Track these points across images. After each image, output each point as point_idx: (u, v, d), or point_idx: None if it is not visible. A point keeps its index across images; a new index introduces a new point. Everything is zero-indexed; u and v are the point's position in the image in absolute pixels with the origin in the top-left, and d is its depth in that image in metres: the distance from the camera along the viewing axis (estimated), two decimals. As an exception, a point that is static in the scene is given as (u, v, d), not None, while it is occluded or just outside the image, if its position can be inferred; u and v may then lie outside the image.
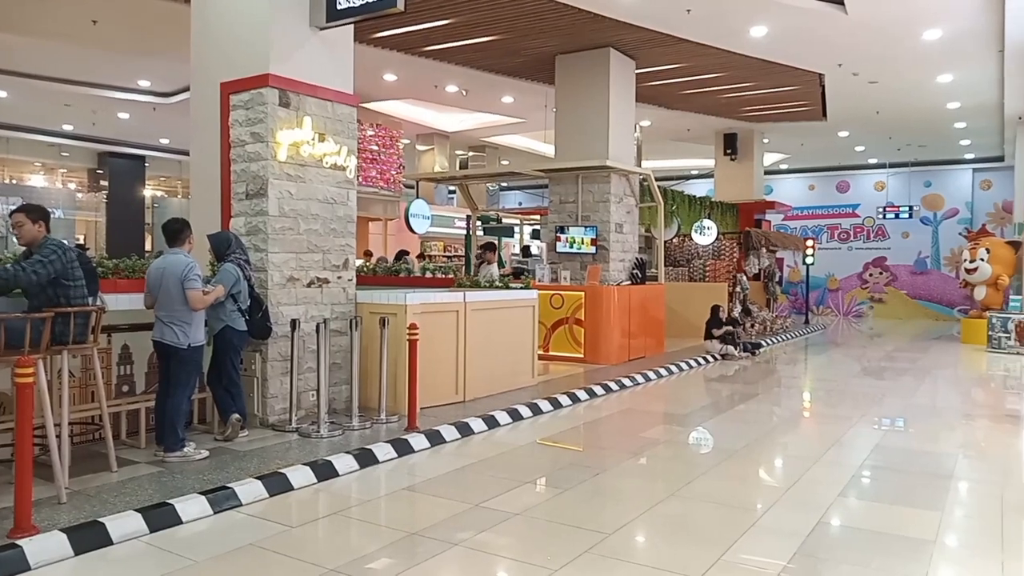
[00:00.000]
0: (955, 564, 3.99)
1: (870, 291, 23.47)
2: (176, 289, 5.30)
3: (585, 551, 3.93)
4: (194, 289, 5.31)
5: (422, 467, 5.67)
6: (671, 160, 23.43)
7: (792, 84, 13.83)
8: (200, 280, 5.40)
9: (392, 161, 15.13)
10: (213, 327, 5.89)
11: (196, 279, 5.34)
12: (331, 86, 6.89)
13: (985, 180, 21.91)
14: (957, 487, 5.33)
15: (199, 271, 5.42)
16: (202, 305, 5.39)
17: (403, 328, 6.64)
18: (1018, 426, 7.42)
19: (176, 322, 5.33)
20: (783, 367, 12.32)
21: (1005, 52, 11.22)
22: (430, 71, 13.08)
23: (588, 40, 11.28)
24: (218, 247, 6.05)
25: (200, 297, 5.35)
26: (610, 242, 11.81)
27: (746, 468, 5.90)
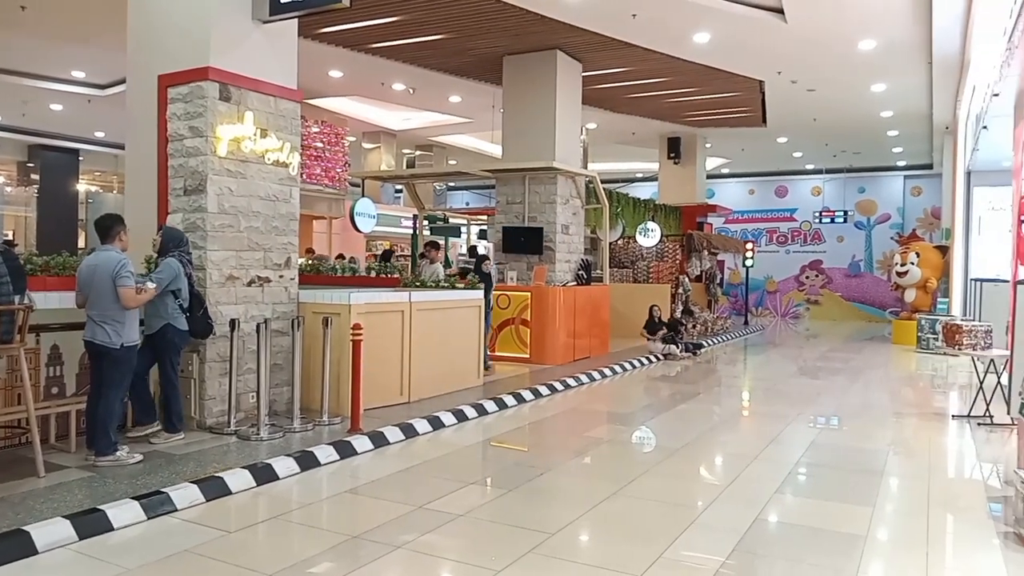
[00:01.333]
0: (884, 558, 4.13)
1: (806, 293, 24.17)
2: (108, 287, 5.12)
3: (528, 551, 3.94)
4: (126, 287, 5.13)
5: (365, 469, 5.61)
6: (616, 163, 23.71)
7: (734, 90, 14.14)
8: (133, 277, 5.22)
9: (337, 159, 14.92)
10: (152, 325, 5.72)
11: (128, 276, 5.15)
12: (274, 81, 6.76)
13: (916, 187, 22.79)
14: (887, 483, 5.52)
15: (132, 268, 5.23)
16: (135, 303, 5.21)
17: (347, 328, 6.55)
18: (944, 424, 7.73)
19: (108, 321, 5.14)
20: (723, 367, 12.59)
21: (933, 64, 11.69)
22: (377, 68, 12.95)
23: (535, 42, 11.33)
24: (168, 241, 5.88)
25: (133, 295, 5.17)
26: (556, 243, 11.89)
27: (687, 466, 6.01)
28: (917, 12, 9.70)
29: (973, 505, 5.02)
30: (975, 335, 7.66)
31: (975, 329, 7.71)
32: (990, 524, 4.59)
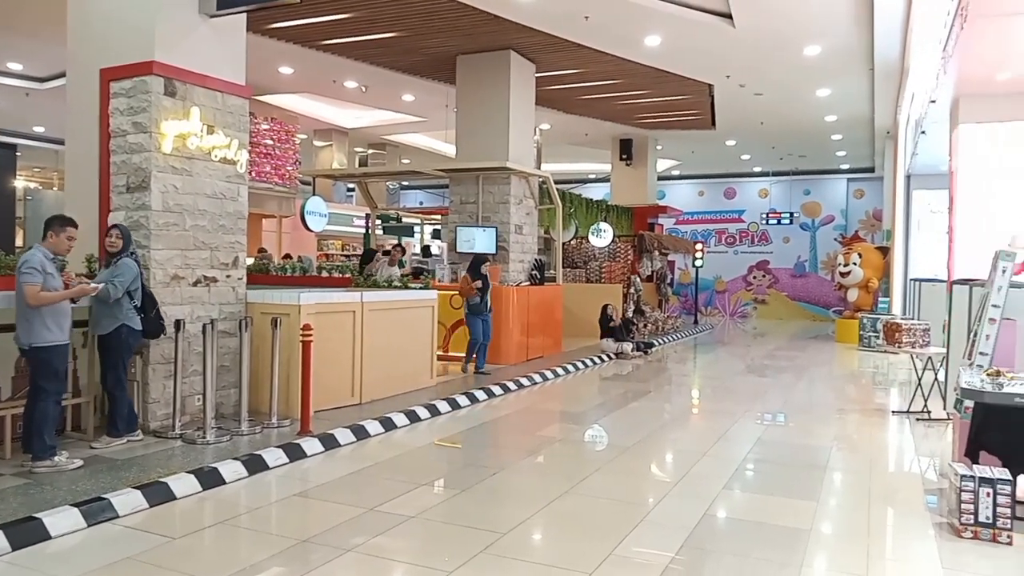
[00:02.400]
0: (827, 550, 4.24)
1: (754, 293, 24.69)
2: (17, 285, 4.97)
3: (480, 551, 3.94)
4: (27, 283, 4.89)
5: (315, 472, 5.53)
6: (570, 164, 23.86)
7: (684, 93, 14.36)
8: (36, 274, 4.93)
9: (288, 156, 14.68)
10: (106, 325, 5.56)
11: (30, 273, 4.91)
12: (222, 76, 6.62)
13: (858, 189, 23.46)
14: (831, 478, 5.67)
15: (37, 264, 4.95)
16: (35, 302, 4.95)
17: (296, 329, 6.46)
18: (884, 419, 7.98)
19: (19, 320, 4.98)
20: (674, 365, 12.77)
21: (875, 70, 12.06)
22: (328, 65, 12.78)
23: (489, 42, 11.33)
24: (128, 240, 5.74)
25: (33, 293, 4.91)
26: (510, 243, 11.90)
27: (638, 463, 6.08)
28: (860, 20, 9.99)
29: (911, 498, 5.19)
30: (914, 333, 7.93)
31: (914, 328, 7.98)
32: (927, 516, 4.75)
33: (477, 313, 9.89)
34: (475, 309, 9.88)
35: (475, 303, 9.84)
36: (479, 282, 9.73)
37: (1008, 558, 4.06)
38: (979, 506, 4.27)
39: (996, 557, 4.06)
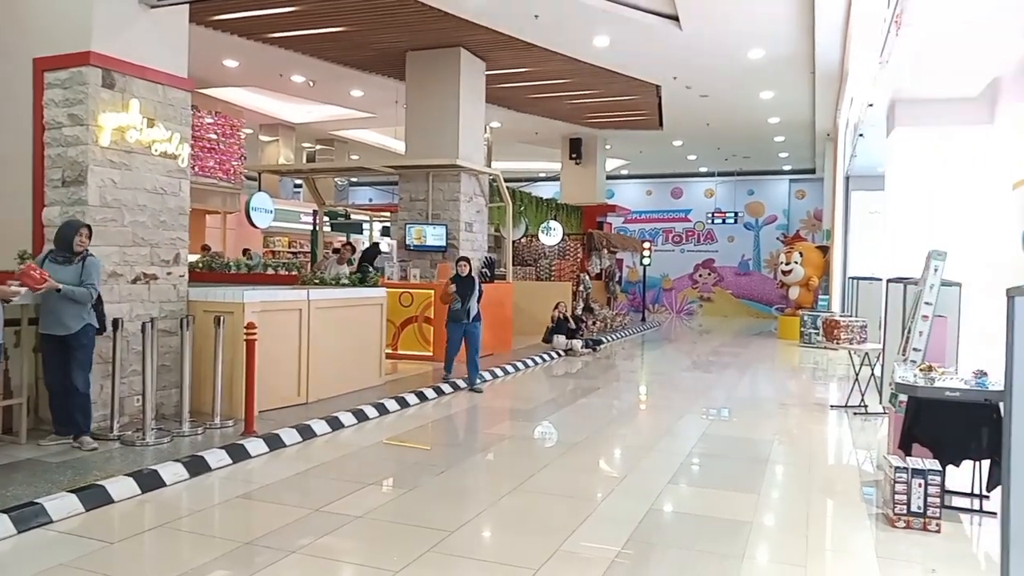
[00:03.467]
0: (768, 541, 4.35)
1: (699, 291, 25.15)
2: None
3: (427, 550, 3.92)
4: None
5: (259, 473, 5.43)
6: (520, 162, 23.92)
7: (632, 94, 14.53)
8: None
9: (232, 151, 14.34)
10: (71, 325, 5.39)
11: None
12: (163, 68, 6.44)
13: (800, 190, 24.09)
14: (772, 471, 5.82)
15: None
16: None
17: (240, 327, 6.32)
18: (824, 413, 8.22)
19: None
20: (622, 362, 12.93)
21: (816, 74, 12.40)
22: (275, 59, 12.54)
23: (438, 38, 11.27)
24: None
25: None
26: (460, 240, 11.87)
27: (586, 459, 6.14)
28: (801, 25, 10.25)
29: (848, 489, 5.36)
30: (851, 330, 8.18)
31: (851, 324, 8.23)
32: (863, 507, 4.92)
33: (455, 320, 8.95)
34: (453, 315, 8.95)
35: (454, 308, 8.88)
36: (453, 286, 8.83)
37: (936, 545, 4.23)
38: (911, 496, 4.43)
39: (926, 545, 4.23)
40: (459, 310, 8.85)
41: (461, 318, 8.87)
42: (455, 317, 8.93)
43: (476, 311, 8.94)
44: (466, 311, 8.84)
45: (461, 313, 8.85)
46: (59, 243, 5.46)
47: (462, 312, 8.85)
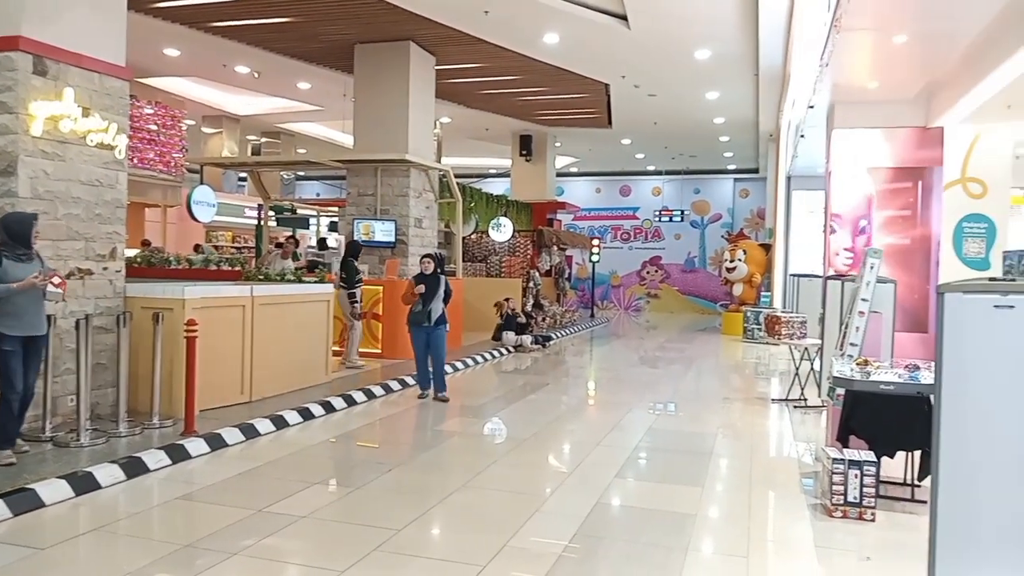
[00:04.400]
0: (712, 533, 4.44)
1: (647, 287, 25.51)
2: None
3: (374, 549, 3.88)
4: None
5: (200, 473, 5.30)
6: (470, 158, 23.85)
7: (581, 92, 14.62)
8: None
9: (173, 143, 13.95)
10: (41, 326, 5.21)
11: None
12: (99, 56, 6.21)
13: (744, 189, 24.62)
14: (716, 464, 5.94)
15: None
16: None
17: (180, 324, 6.16)
18: (766, 407, 8.42)
19: None
20: (571, 358, 13.03)
21: (760, 76, 12.67)
22: (218, 49, 12.23)
23: (388, 32, 11.15)
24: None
25: None
26: (409, 236, 11.78)
27: (534, 455, 6.16)
28: (746, 27, 10.46)
29: (788, 481, 5.50)
30: (792, 326, 8.40)
31: (792, 320, 8.45)
32: (802, 498, 5.05)
33: (415, 324, 8.07)
34: (413, 318, 8.10)
35: (415, 311, 8.06)
36: (422, 287, 7.96)
37: (871, 534, 4.37)
38: (848, 487, 4.57)
39: (861, 534, 4.37)
40: (420, 312, 8.00)
41: (422, 321, 7.99)
42: (415, 320, 8.06)
43: (440, 313, 8.05)
44: (427, 314, 7.96)
45: (422, 316, 7.99)
46: (17, 239, 5.08)
47: (423, 315, 7.98)
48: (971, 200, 8.60)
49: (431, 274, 8.06)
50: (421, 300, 7.96)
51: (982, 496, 2.99)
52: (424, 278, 8.06)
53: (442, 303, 8.04)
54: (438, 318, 8.03)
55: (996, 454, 2.98)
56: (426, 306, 7.96)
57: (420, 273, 8.17)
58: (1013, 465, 2.94)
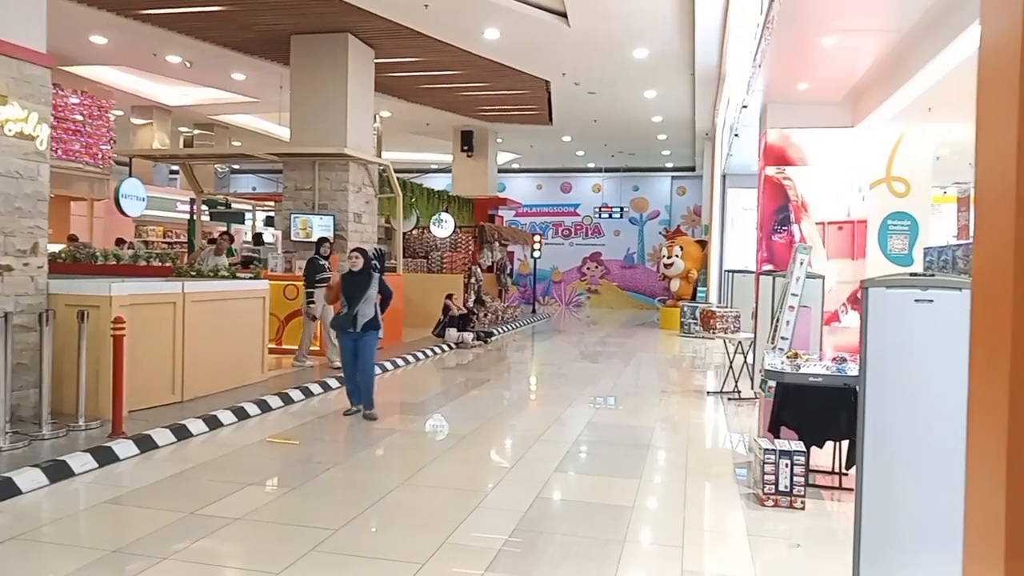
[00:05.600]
0: (648, 523, 4.52)
1: (588, 283, 25.78)
2: None
3: (311, 549, 3.82)
4: None
5: (129, 476, 5.12)
6: (411, 153, 23.65)
7: (522, 88, 14.66)
8: None
9: (100, 134, 13.42)
10: None
11: None
12: (18, 42, 5.92)
13: (681, 187, 25.10)
14: (654, 456, 6.04)
15: None
16: None
17: (107, 322, 5.94)
18: (701, 400, 8.62)
19: None
20: (513, 353, 13.07)
21: (696, 76, 12.93)
22: (147, 37, 11.80)
23: (325, 23, 10.95)
24: None
25: None
26: (348, 232, 11.62)
27: (475, 450, 6.17)
28: (682, 28, 10.66)
29: (723, 472, 5.64)
30: (726, 320, 8.61)
31: (726, 315, 8.66)
32: (736, 487, 5.19)
33: (340, 328, 7.17)
34: (337, 323, 7.21)
35: (339, 315, 7.19)
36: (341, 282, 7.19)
37: (801, 521, 4.52)
38: (779, 477, 4.72)
39: (791, 521, 4.51)
40: (345, 316, 7.01)
41: (347, 326, 6.99)
42: (340, 324, 7.10)
43: (371, 317, 7.03)
44: (352, 318, 6.94)
45: (347, 320, 6.97)
46: None
47: (348, 319, 6.96)
48: (895, 199, 8.95)
49: (360, 271, 7.05)
50: (346, 302, 7.03)
51: (903, 481, 3.13)
52: (352, 276, 7.10)
53: (374, 306, 7.08)
54: (367, 323, 7.01)
55: (917, 443, 3.12)
56: (352, 309, 6.96)
57: (348, 271, 7.19)
58: (932, 455, 3.08)
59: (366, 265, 7.09)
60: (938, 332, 3.10)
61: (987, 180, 1.16)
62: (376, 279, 7.15)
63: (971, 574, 1.20)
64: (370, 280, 7.07)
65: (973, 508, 1.19)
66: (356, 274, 7.06)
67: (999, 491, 1.06)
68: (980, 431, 1.17)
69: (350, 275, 7.11)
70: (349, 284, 7.06)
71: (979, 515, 1.16)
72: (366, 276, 7.06)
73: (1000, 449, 1.06)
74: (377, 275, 7.19)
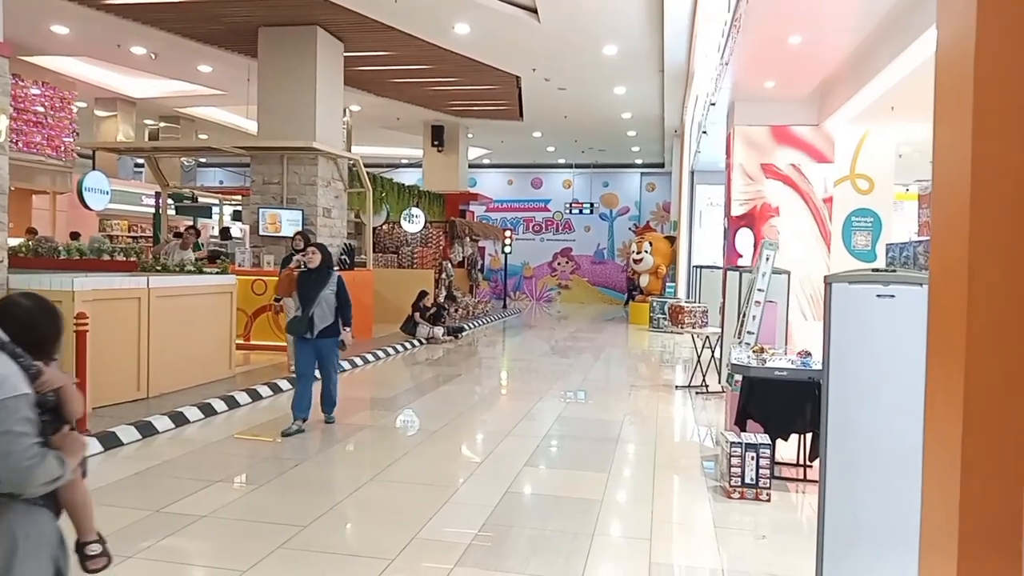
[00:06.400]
0: (617, 516, 4.56)
1: (558, 278, 25.86)
2: None
3: (278, 547, 3.80)
4: None
5: (93, 474, 4.96)
6: (381, 147, 23.50)
7: (493, 84, 14.63)
8: None
9: (63, 126, 13.14)
10: None
11: None
12: (-27, 30, 5.78)
13: (650, 183, 25.27)
14: (622, 449, 6.09)
15: None
16: None
17: (70, 318, 5.82)
18: (670, 394, 8.70)
19: None
20: (484, 349, 13.07)
21: (665, 73, 13.02)
22: (111, 28, 11.55)
23: (293, 15, 10.82)
24: None
25: None
26: (318, 226, 11.51)
27: (446, 445, 6.16)
28: (652, 25, 10.72)
29: (690, 465, 5.71)
30: (694, 315, 8.70)
31: (694, 310, 8.75)
32: (703, 480, 5.25)
33: (295, 333, 6.42)
34: (291, 327, 6.52)
35: (291, 318, 6.54)
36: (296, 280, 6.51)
37: (766, 513, 4.60)
38: (745, 469, 4.79)
39: (757, 513, 4.58)
40: (298, 320, 6.25)
41: (301, 331, 6.22)
42: (294, 329, 6.35)
43: (330, 323, 6.29)
44: (307, 322, 6.18)
45: (301, 325, 6.21)
46: None
47: (303, 323, 6.20)
48: (859, 195, 9.10)
49: (317, 268, 6.27)
50: (300, 304, 6.28)
51: (865, 474, 3.20)
52: (307, 275, 6.32)
53: (332, 310, 6.29)
54: (325, 329, 6.25)
55: (878, 437, 3.19)
56: (307, 311, 6.18)
57: (305, 268, 6.39)
58: (893, 448, 3.15)
59: (323, 263, 6.33)
60: (899, 327, 3.17)
61: (943, 177, 1.20)
62: (335, 279, 6.36)
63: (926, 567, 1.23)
64: (327, 279, 6.30)
65: (929, 502, 1.22)
66: (312, 272, 6.29)
67: (954, 485, 1.09)
68: (937, 425, 1.20)
69: (306, 273, 6.35)
70: (304, 284, 6.31)
71: (935, 509, 1.19)
72: (323, 275, 6.30)
73: (955, 444, 1.09)
74: (336, 275, 6.40)
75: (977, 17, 1.06)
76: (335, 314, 6.32)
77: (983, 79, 1.06)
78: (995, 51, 1.05)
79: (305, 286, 6.29)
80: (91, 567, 1.75)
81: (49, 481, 1.67)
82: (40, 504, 1.71)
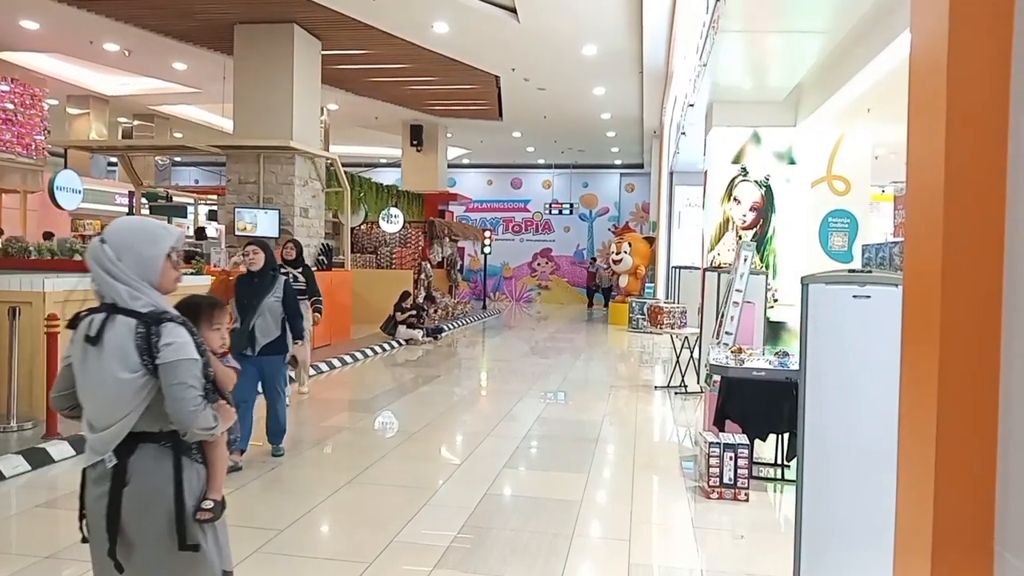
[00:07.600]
0: (597, 517, 4.56)
1: (538, 279, 25.89)
2: None
3: (254, 551, 3.75)
4: None
5: (65, 479, 4.94)
6: (360, 147, 23.37)
7: (472, 83, 14.61)
8: None
9: (34, 124, 12.93)
10: None
11: None
12: (-60, 26, 5.65)
13: (629, 183, 25.38)
14: (602, 450, 6.10)
15: None
16: None
17: (40, 319, 5.72)
18: (649, 394, 8.73)
19: None
20: (463, 350, 13.04)
21: (644, 73, 13.07)
22: (83, 24, 11.37)
23: (269, 12, 10.72)
24: None
25: None
26: (295, 226, 11.43)
27: (425, 447, 6.13)
28: (631, 26, 10.76)
29: (669, 465, 5.73)
30: (673, 316, 8.74)
31: (673, 310, 8.79)
32: (682, 480, 5.27)
33: (236, 350, 4.88)
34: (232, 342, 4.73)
35: (233, 331, 5.06)
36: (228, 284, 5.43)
37: (745, 513, 4.62)
38: (724, 469, 4.81)
39: (735, 513, 4.61)
40: (238, 333, 5.15)
41: (241, 347, 5.11)
42: (233, 344, 4.73)
43: (275, 337, 5.30)
44: (247, 336, 5.20)
45: (241, 339, 5.15)
46: None
47: (242, 337, 5.17)
48: (836, 197, 9.20)
49: (260, 272, 5.28)
50: (239, 314, 5.24)
51: (841, 474, 3.22)
52: (248, 280, 5.31)
53: (278, 321, 5.31)
54: (269, 344, 5.26)
55: (854, 437, 3.22)
56: (245, 323, 5.21)
57: (247, 272, 5.34)
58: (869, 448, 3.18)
59: (267, 265, 5.32)
60: (875, 327, 3.19)
61: (917, 178, 1.20)
62: (281, 284, 5.36)
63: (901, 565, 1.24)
64: (272, 285, 5.29)
65: (903, 502, 1.22)
66: (254, 276, 5.29)
67: (928, 486, 1.09)
68: (911, 425, 1.20)
69: (246, 278, 5.34)
70: (243, 290, 5.28)
71: (909, 508, 1.19)
72: (267, 279, 5.30)
73: (929, 444, 1.10)
74: (282, 279, 5.43)
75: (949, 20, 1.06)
76: (282, 326, 5.34)
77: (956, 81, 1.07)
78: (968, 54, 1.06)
79: (244, 293, 5.26)
80: (199, 517, 2.15)
81: (205, 428, 2.08)
82: (199, 460, 2.17)
